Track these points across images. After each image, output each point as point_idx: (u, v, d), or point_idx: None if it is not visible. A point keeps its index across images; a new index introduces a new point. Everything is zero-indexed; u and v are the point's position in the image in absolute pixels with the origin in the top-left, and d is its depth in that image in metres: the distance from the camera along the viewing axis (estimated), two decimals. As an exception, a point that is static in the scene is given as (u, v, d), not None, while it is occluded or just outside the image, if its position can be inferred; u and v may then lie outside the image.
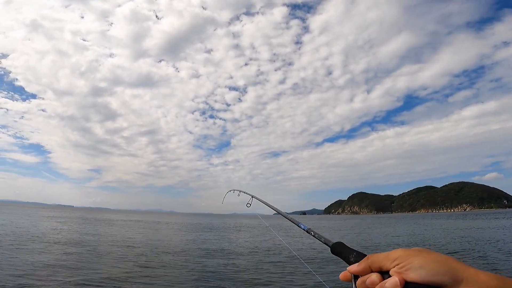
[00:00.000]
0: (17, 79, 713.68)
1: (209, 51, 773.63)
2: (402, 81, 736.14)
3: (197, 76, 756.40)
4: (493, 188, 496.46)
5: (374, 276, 0.76)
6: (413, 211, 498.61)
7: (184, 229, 35.36)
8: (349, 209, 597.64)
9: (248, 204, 1.93)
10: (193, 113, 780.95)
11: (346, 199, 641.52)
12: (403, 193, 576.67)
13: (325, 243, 0.96)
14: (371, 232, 31.46)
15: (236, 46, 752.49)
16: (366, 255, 0.78)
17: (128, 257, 12.59)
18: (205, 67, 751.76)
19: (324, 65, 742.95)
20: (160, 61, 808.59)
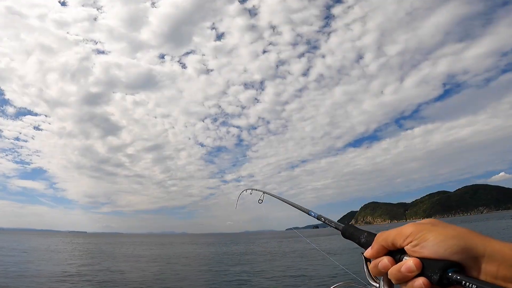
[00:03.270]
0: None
1: (219, 37, 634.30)
2: (443, 65, 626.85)
3: (206, 71, 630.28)
4: (508, 188, 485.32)
5: (386, 260, 0.73)
6: (428, 217, 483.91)
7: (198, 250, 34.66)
8: (362, 219, 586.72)
9: (260, 200, 2.03)
10: (203, 121, 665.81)
11: (358, 210, 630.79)
12: (416, 200, 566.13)
13: (335, 228, 1.00)
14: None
15: (252, 28, 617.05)
16: (376, 234, 0.76)
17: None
18: (216, 59, 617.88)
19: (355, 47, 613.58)
20: (163, 56, 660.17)
